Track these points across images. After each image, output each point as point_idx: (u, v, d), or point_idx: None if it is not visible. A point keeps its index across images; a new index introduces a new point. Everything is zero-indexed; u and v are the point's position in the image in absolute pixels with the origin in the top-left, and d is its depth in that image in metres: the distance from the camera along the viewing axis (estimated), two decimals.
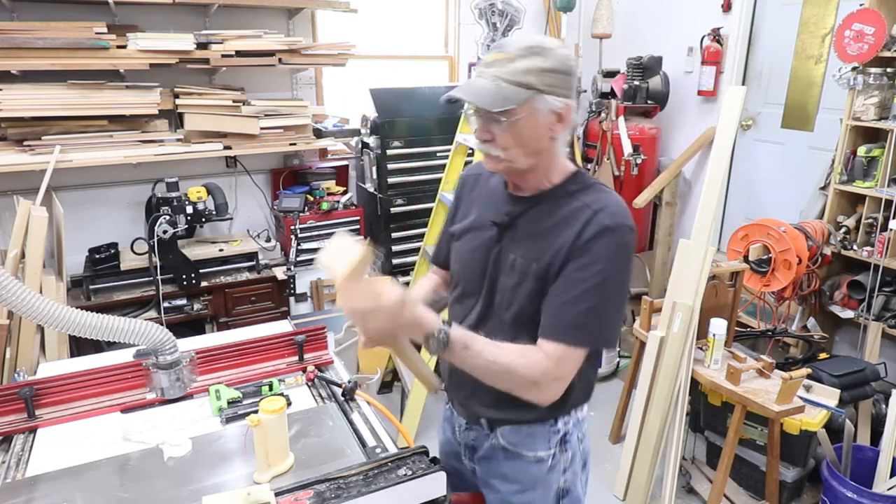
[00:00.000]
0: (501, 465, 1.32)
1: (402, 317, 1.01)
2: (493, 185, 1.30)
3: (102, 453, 1.29)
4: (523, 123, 1.10)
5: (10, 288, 1.16)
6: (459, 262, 1.32)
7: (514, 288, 1.19)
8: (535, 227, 1.19)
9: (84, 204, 3.11)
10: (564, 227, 1.14)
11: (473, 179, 1.36)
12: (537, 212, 1.19)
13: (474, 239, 1.27)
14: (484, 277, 1.25)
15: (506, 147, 1.13)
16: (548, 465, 1.29)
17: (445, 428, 1.47)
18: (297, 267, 3.19)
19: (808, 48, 3.28)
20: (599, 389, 3.50)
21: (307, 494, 1.08)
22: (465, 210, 1.34)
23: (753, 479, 2.52)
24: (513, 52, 1.08)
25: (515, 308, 1.19)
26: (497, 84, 1.08)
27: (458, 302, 1.32)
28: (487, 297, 1.25)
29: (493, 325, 1.23)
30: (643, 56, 3.77)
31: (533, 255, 1.17)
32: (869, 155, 2.79)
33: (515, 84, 1.07)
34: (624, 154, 3.61)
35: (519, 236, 1.20)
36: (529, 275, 1.16)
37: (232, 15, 3.12)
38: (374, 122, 3.30)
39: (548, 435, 1.28)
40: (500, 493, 1.34)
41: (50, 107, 2.65)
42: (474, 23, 3.95)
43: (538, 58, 1.08)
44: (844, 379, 2.48)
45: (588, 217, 1.12)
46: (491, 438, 1.31)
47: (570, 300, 1.11)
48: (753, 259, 2.68)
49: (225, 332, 1.95)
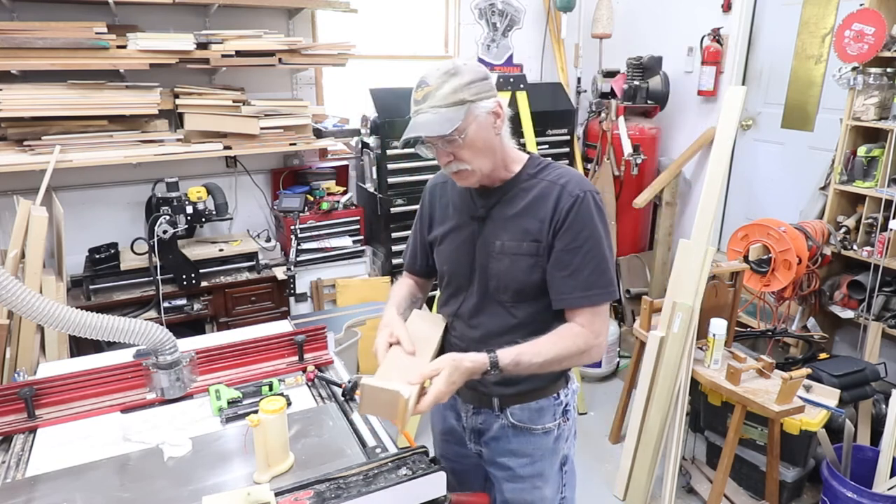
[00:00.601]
0: (511, 442, 1.42)
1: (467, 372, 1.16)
2: (457, 188, 1.40)
3: (102, 453, 1.29)
4: (472, 133, 1.23)
5: (10, 288, 1.16)
6: (447, 262, 1.42)
7: (508, 269, 1.30)
8: (510, 211, 1.32)
9: (84, 204, 3.11)
10: (539, 204, 1.29)
11: (441, 187, 1.47)
12: (509, 198, 1.32)
13: (457, 238, 1.39)
14: (473, 269, 1.36)
15: (468, 160, 1.25)
16: (554, 436, 1.43)
17: (447, 416, 1.52)
18: (297, 267, 3.19)
19: (808, 48, 3.28)
20: (599, 389, 3.50)
21: (307, 494, 1.08)
22: (441, 216, 1.45)
23: (753, 479, 2.52)
24: (434, 82, 1.21)
25: (515, 286, 1.31)
26: (437, 112, 1.20)
27: (452, 297, 1.43)
28: (481, 285, 1.35)
29: (491, 309, 1.35)
30: (643, 56, 3.77)
31: (517, 235, 1.30)
32: (869, 155, 2.79)
33: (450, 105, 1.20)
34: (624, 154, 3.61)
35: (498, 223, 1.33)
36: (521, 253, 1.29)
37: (232, 15, 3.12)
38: (374, 122, 3.30)
39: (553, 408, 1.41)
40: (509, 469, 1.43)
41: (50, 107, 2.65)
42: (474, 23, 3.95)
43: (456, 78, 1.21)
44: (844, 379, 2.48)
45: (558, 192, 1.27)
46: (500, 419, 1.41)
47: (575, 269, 1.26)
48: (753, 259, 2.68)
49: (225, 332, 1.95)
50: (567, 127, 3.86)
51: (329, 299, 3.41)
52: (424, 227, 1.50)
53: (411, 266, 1.58)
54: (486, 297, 1.35)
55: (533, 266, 1.29)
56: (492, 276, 1.33)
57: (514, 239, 1.30)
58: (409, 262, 1.58)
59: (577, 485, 1.55)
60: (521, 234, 1.29)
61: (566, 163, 3.88)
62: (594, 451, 2.91)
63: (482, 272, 1.34)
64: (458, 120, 1.20)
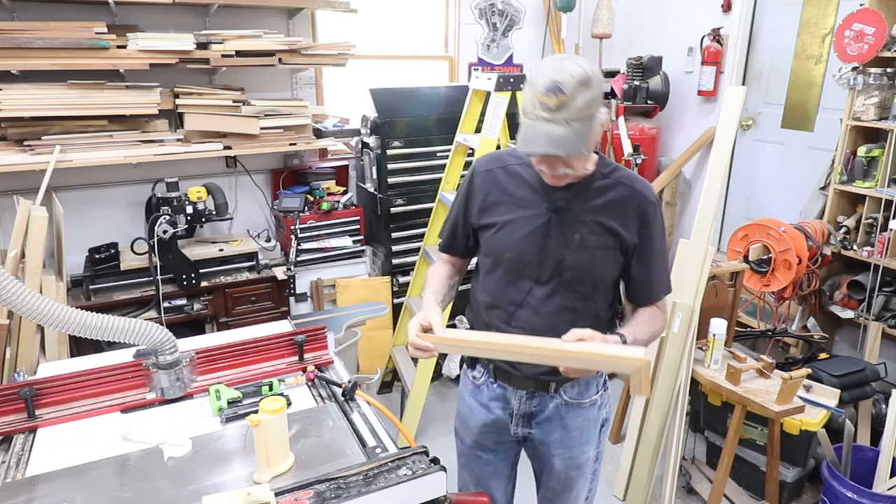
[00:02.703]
0: (564, 418, 1.53)
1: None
2: (523, 175, 1.43)
3: (102, 453, 1.29)
4: (590, 145, 1.28)
5: (10, 288, 1.16)
6: (510, 249, 1.42)
7: (589, 262, 1.38)
8: (590, 206, 1.38)
9: (84, 204, 3.11)
10: (620, 205, 1.38)
11: (498, 173, 1.47)
12: (588, 194, 1.38)
13: (525, 226, 1.40)
14: (543, 259, 1.39)
15: (577, 168, 1.32)
16: (598, 405, 1.57)
17: (492, 407, 1.56)
18: (297, 267, 3.19)
19: (808, 48, 3.28)
20: None
21: (307, 494, 1.08)
22: (498, 201, 1.45)
23: (753, 479, 2.52)
24: (570, 91, 1.20)
25: (594, 279, 1.40)
26: (571, 127, 1.21)
27: (510, 285, 1.44)
28: (554, 275, 1.40)
29: (561, 299, 1.41)
30: (643, 56, 3.77)
31: (597, 230, 1.37)
32: (869, 155, 2.79)
33: (583, 119, 1.22)
34: (624, 154, 3.61)
35: (578, 217, 1.38)
36: (602, 247, 1.37)
37: (232, 15, 3.12)
38: (374, 122, 3.30)
39: (596, 380, 1.55)
40: (562, 442, 1.54)
41: (50, 107, 2.65)
42: (474, 23, 3.95)
43: (589, 90, 1.22)
44: (844, 379, 2.48)
45: (639, 198, 1.38)
46: (555, 398, 1.51)
47: (655, 265, 1.42)
48: (753, 259, 2.68)
49: (225, 332, 1.95)
50: None
51: (329, 299, 3.41)
52: (472, 209, 1.49)
53: (450, 246, 1.59)
54: (559, 286, 1.40)
55: (611, 260, 1.39)
56: (568, 267, 1.38)
57: (594, 233, 1.37)
58: (448, 243, 1.59)
59: None
60: (600, 230, 1.37)
61: None
62: None
63: (556, 263, 1.38)
64: (588, 135, 1.24)
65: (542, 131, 1.22)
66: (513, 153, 1.47)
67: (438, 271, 1.58)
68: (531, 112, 1.23)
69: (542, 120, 1.22)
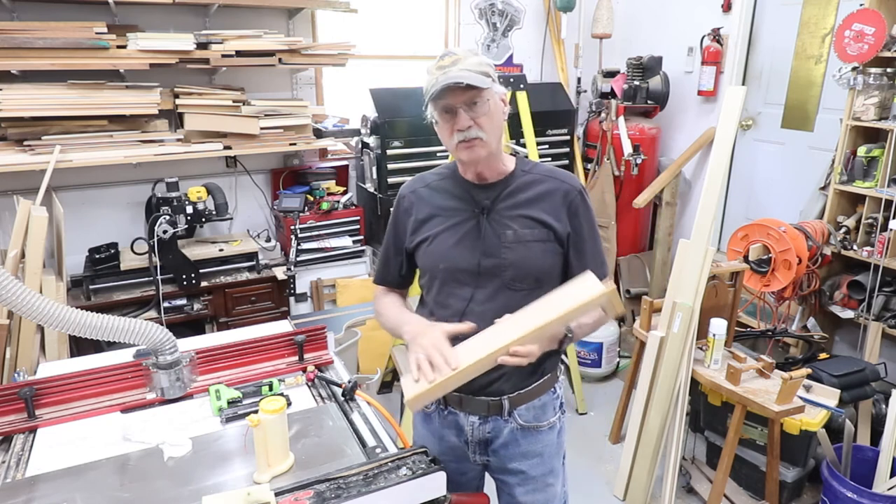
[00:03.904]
0: (520, 444, 1.46)
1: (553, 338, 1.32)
2: (447, 187, 1.45)
3: (102, 453, 1.29)
4: (493, 106, 1.32)
5: (10, 288, 1.16)
6: (444, 259, 1.41)
7: (525, 256, 1.37)
8: (516, 202, 1.39)
9: (84, 204, 3.11)
10: (548, 196, 1.39)
11: (420, 193, 1.48)
12: (511, 191, 1.40)
13: (455, 233, 1.40)
14: (480, 262, 1.38)
15: (487, 129, 1.31)
16: (556, 430, 1.50)
17: (445, 435, 1.49)
18: (297, 267, 3.19)
19: (808, 48, 3.28)
20: (599, 389, 3.50)
21: (307, 494, 1.08)
22: (425, 218, 1.45)
23: (753, 479, 2.52)
24: (462, 53, 1.30)
25: (535, 273, 1.38)
26: (470, 73, 1.27)
27: (452, 296, 1.41)
28: (493, 277, 1.38)
29: (505, 299, 1.36)
30: (643, 56, 3.77)
31: (528, 223, 1.37)
32: (869, 155, 2.79)
33: (480, 73, 1.28)
34: (624, 154, 3.61)
35: (506, 214, 1.38)
36: (534, 239, 1.37)
37: (232, 15, 3.12)
38: (374, 122, 3.30)
39: (553, 402, 1.49)
40: (521, 472, 1.47)
41: (50, 107, 2.65)
42: (474, 23, 3.95)
43: (479, 57, 1.32)
44: (844, 379, 2.48)
45: (565, 188, 1.40)
46: (509, 423, 1.44)
47: (587, 251, 1.41)
48: (753, 259, 2.68)
49: (225, 332, 1.95)
50: (567, 127, 3.86)
51: (329, 299, 3.41)
52: (404, 234, 1.48)
53: (383, 276, 1.57)
54: (501, 287, 1.38)
55: (549, 252, 1.38)
56: (506, 265, 1.36)
57: (526, 227, 1.37)
58: (382, 273, 1.57)
59: (578, 485, 1.59)
60: (532, 223, 1.37)
61: (566, 163, 3.89)
62: (594, 451, 2.91)
63: (494, 263, 1.37)
64: (488, 83, 1.28)
65: (443, 78, 1.27)
66: (434, 171, 1.51)
67: (389, 299, 1.54)
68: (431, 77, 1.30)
69: (443, 75, 1.27)
